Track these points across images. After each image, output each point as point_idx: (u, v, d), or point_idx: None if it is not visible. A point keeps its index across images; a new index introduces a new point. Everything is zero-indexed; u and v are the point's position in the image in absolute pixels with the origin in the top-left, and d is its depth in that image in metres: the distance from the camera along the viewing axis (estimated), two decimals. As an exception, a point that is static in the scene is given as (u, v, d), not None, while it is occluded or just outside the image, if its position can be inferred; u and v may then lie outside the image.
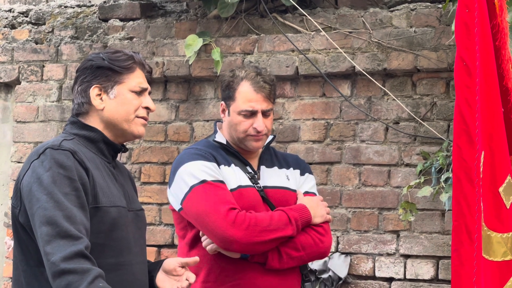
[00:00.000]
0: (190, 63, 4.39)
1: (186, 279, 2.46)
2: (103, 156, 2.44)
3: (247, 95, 2.87)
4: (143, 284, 2.46)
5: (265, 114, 2.89)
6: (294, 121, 4.31)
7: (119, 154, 2.54)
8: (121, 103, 2.43)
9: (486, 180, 2.29)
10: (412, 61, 4.09)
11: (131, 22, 4.64)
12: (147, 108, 2.46)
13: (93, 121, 2.44)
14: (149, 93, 2.50)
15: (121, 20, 4.68)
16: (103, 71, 2.42)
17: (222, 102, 2.96)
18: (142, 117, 2.46)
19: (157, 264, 2.54)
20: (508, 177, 2.33)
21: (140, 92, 2.45)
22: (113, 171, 2.47)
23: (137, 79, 2.45)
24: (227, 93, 2.92)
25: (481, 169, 2.27)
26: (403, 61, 4.10)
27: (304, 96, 4.31)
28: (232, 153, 2.94)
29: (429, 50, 4.06)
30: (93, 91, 2.42)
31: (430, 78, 4.10)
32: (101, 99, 2.43)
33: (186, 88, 4.51)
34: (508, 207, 2.31)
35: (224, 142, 2.95)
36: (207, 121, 4.43)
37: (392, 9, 4.23)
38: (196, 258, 2.50)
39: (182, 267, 2.49)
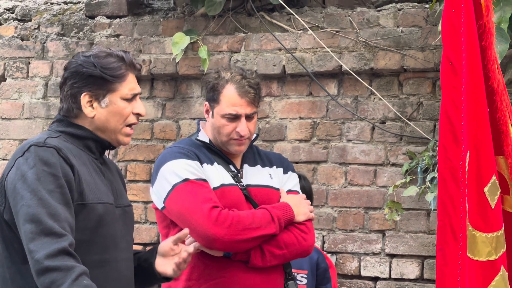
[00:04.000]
0: (177, 61, 4.38)
1: (185, 251, 2.52)
2: (90, 153, 2.43)
3: (231, 99, 2.86)
4: (128, 280, 2.46)
5: (248, 117, 2.88)
6: (280, 120, 4.31)
7: (106, 151, 2.53)
8: (113, 113, 2.41)
9: (472, 180, 2.29)
10: (398, 61, 4.09)
11: (118, 20, 4.63)
12: (137, 114, 2.45)
13: (82, 124, 2.43)
14: (139, 94, 2.49)
15: (107, 17, 4.66)
16: (95, 79, 2.39)
17: (206, 103, 2.95)
18: (132, 124, 2.45)
19: (153, 251, 2.57)
20: (493, 177, 2.34)
21: (131, 98, 2.44)
22: (100, 167, 2.45)
23: (129, 85, 2.43)
24: (211, 95, 2.91)
25: (467, 169, 2.27)
26: (390, 61, 4.10)
27: (291, 95, 4.30)
28: (215, 151, 2.94)
29: (415, 50, 4.07)
30: (84, 98, 2.40)
31: (417, 78, 4.11)
32: (91, 106, 2.41)
33: (172, 86, 4.50)
34: (493, 207, 2.32)
35: (207, 141, 2.94)
36: (194, 119, 4.42)
37: (379, 8, 4.24)
38: (186, 230, 2.52)
39: (176, 244, 2.51)
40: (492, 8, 2.31)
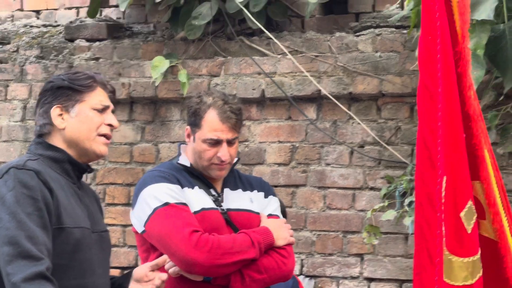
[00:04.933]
0: (156, 84, 4.38)
1: (159, 279, 2.49)
2: (68, 177, 2.43)
3: (213, 124, 2.87)
4: (105, 306, 2.45)
5: (230, 142, 2.89)
6: (260, 144, 4.32)
7: (84, 175, 2.54)
8: (83, 121, 2.43)
9: (448, 205, 2.31)
10: (377, 86, 4.13)
11: (97, 43, 4.63)
12: (110, 125, 2.46)
13: (56, 142, 2.44)
14: (113, 112, 2.50)
15: (87, 40, 4.66)
16: (63, 91, 2.43)
17: (188, 127, 2.96)
18: (104, 135, 2.45)
19: (127, 276, 2.56)
20: (470, 202, 2.36)
21: (102, 110, 2.45)
22: (78, 192, 2.46)
23: (98, 97, 2.46)
24: (193, 120, 2.92)
25: (443, 194, 2.29)
26: (368, 86, 4.14)
27: (270, 119, 4.32)
28: (196, 175, 2.94)
29: (394, 75, 4.11)
30: (54, 111, 2.42)
31: (395, 102, 4.15)
32: (62, 118, 2.43)
33: (152, 110, 4.51)
34: (469, 231, 2.34)
35: (188, 165, 2.95)
36: (173, 142, 4.42)
37: (358, 34, 4.27)
38: (164, 257, 2.51)
39: (153, 270, 2.50)
40: (467, 36, 2.34)
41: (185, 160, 2.96)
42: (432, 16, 2.34)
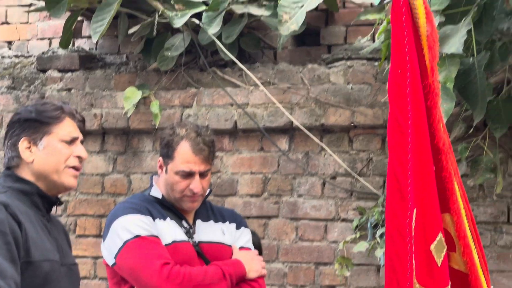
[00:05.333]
0: (128, 115, 4.38)
1: None
2: (37, 210, 2.41)
3: (185, 156, 2.87)
4: None
5: (202, 174, 2.89)
6: (232, 175, 4.32)
7: (53, 207, 2.51)
8: (51, 154, 2.41)
9: (418, 237, 2.31)
10: (349, 117, 4.15)
11: (69, 73, 4.62)
12: (79, 157, 2.44)
13: (25, 174, 2.41)
14: (82, 142, 2.48)
15: (59, 71, 4.65)
16: (31, 123, 2.41)
17: (160, 158, 2.96)
18: (74, 167, 2.43)
19: None
20: (440, 235, 2.36)
21: (70, 141, 2.43)
22: (47, 225, 2.43)
23: (67, 128, 2.44)
24: (166, 151, 2.92)
25: (413, 226, 2.29)
26: (340, 117, 4.16)
27: (243, 150, 4.33)
28: (168, 207, 2.93)
29: (365, 106, 4.13)
30: (22, 144, 2.40)
31: (367, 134, 4.17)
32: (30, 151, 2.41)
33: (124, 140, 4.49)
34: (439, 264, 2.34)
35: (160, 197, 2.94)
36: (145, 173, 4.40)
37: (330, 65, 4.30)
38: None
39: None
40: (437, 69, 2.36)
41: (157, 191, 2.95)
42: (401, 50, 2.36)
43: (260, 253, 3.60)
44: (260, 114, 4.26)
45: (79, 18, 4.65)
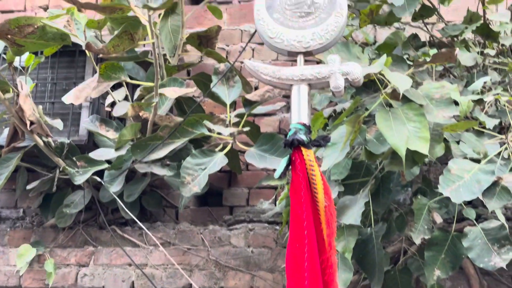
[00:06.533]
0: (21, 274, 4.21)
1: None
2: None
3: None
4: None
5: None
6: (126, 338, 4.16)
7: None
8: None
9: None
10: (248, 281, 4.10)
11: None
12: None
13: None
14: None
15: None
16: None
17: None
18: None
19: None
20: None
21: None
22: None
23: None
24: None
25: None
26: (240, 281, 4.11)
27: (139, 312, 4.20)
28: None
29: (265, 271, 4.11)
30: None
31: (266, 299, 4.12)
32: None
33: (14, 299, 4.31)
34: None
35: None
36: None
37: (231, 227, 4.29)
38: None
39: None
40: (334, 246, 2.38)
41: None
42: (300, 224, 2.37)
43: None
44: (159, 275, 4.17)
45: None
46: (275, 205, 4.21)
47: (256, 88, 4.47)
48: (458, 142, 3.19)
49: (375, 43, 4.28)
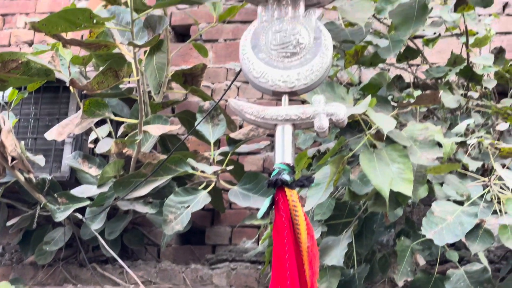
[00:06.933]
0: (-2, 311, 4.15)
1: None
2: None
3: None
4: None
5: None
6: None
7: None
8: None
9: None
10: (230, 322, 4.07)
11: None
12: None
13: None
14: None
15: None
16: None
17: None
18: None
19: None
20: None
21: None
22: None
23: None
24: None
25: None
26: (221, 322, 4.07)
27: None
28: None
29: (247, 311, 4.08)
30: None
31: None
32: None
33: (-9, 337, 4.23)
34: None
35: None
36: None
37: (213, 266, 4.26)
38: None
39: None
40: (316, 287, 2.37)
41: None
42: (282, 264, 2.37)
43: None
44: (139, 314, 4.12)
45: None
46: (258, 244, 4.18)
47: (240, 127, 4.47)
48: (441, 184, 3.19)
49: (360, 84, 4.30)
